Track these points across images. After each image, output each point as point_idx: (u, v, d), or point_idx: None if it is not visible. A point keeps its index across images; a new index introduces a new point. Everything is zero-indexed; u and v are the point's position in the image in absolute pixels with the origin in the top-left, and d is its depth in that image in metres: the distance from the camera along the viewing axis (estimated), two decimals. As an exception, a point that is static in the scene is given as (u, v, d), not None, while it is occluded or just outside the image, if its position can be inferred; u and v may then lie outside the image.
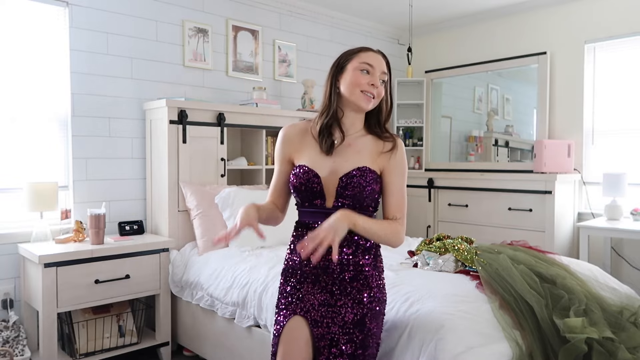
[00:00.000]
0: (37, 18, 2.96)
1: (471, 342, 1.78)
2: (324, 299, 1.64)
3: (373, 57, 1.68)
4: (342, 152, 1.69)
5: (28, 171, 2.95)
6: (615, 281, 2.53)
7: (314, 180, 1.65)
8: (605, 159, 3.85)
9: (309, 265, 1.66)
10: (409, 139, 4.75)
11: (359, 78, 1.65)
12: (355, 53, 1.69)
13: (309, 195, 1.67)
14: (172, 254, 3.07)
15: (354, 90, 1.65)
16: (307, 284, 1.67)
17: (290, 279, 1.71)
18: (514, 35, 4.29)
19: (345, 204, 1.64)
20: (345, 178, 1.64)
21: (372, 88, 1.65)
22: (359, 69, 1.66)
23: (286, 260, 1.74)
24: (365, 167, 1.66)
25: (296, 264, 1.69)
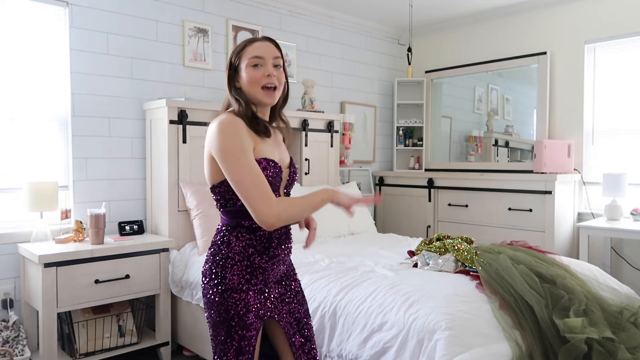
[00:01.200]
0: (37, 18, 2.96)
1: (471, 342, 1.78)
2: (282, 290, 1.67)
3: (260, 47, 1.59)
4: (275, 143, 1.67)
5: (28, 171, 2.95)
6: (615, 281, 2.53)
7: (280, 174, 1.60)
8: (605, 159, 3.85)
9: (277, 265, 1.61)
10: (409, 139, 4.76)
11: (255, 74, 1.57)
12: (242, 49, 1.61)
13: (273, 189, 1.56)
14: (172, 254, 3.07)
15: (255, 88, 1.58)
16: (269, 284, 1.61)
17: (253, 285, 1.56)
18: (514, 36, 4.29)
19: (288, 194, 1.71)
20: (292, 168, 1.69)
21: (269, 79, 1.58)
22: (250, 65, 1.58)
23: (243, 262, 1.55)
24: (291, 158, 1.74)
25: (260, 265, 1.57)
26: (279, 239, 1.61)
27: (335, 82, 4.47)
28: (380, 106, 4.89)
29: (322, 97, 4.34)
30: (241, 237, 1.56)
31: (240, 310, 1.53)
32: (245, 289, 1.54)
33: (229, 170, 1.47)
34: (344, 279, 2.33)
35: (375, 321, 1.99)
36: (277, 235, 1.60)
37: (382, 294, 2.11)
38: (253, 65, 1.58)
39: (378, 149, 4.90)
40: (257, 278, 1.57)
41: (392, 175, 4.67)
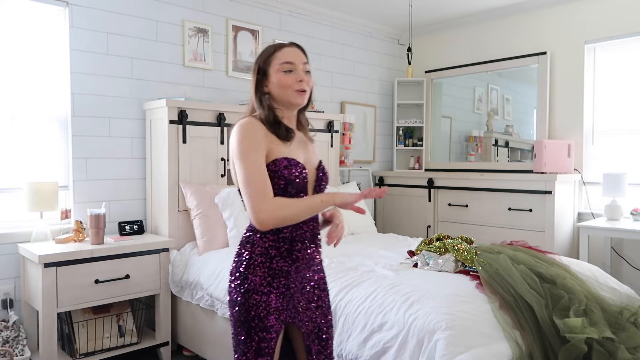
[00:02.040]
0: (37, 18, 2.96)
1: (471, 342, 1.78)
2: (308, 297, 1.65)
3: (290, 53, 1.65)
4: (302, 145, 1.70)
5: (28, 171, 2.95)
6: (615, 281, 2.53)
7: (304, 172, 1.60)
8: (605, 159, 3.85)
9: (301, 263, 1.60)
10: (409, 139, 4.76)
11: (286, 79, 1.61)
12: (272, 54, 1.65)
13: (300, 189, 1.59)
14: (172, 254, 3.07)
15: (286, 91, 1.62)
16: (293, 287, 1.59)
17: (275, 288, 1.56)
18: (514, 36, 4.29)
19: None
20: (320, 171, 1.69)
21: (301, 84, 1.63)
22: (281, 71, 1.62)
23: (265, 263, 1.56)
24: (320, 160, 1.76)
25: (282, 269, 1.57)
26: (302, 242, 1.60)
27: (335, 82, 4.47)
28: (380, 106, 4.89)
29: (322, 97, 4.34)
30: (264, 239, 1.57)
31: (261, 312, 1.54)
32: (266, 291, 1.55)
33: (237, 168, 1.53)
34: (344, 279, 2.33)
35: (375, 321, 1.99)
36: (300, 239, 1.60)
37: (382, 294, 2.11)
38: (284, 71, 1.62)
39: (378, 149, 4.90)
40: (279, 281, 1.56)
41: (392, 175, 4.67)
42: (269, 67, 1.64)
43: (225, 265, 2.76)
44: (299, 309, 1.62)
